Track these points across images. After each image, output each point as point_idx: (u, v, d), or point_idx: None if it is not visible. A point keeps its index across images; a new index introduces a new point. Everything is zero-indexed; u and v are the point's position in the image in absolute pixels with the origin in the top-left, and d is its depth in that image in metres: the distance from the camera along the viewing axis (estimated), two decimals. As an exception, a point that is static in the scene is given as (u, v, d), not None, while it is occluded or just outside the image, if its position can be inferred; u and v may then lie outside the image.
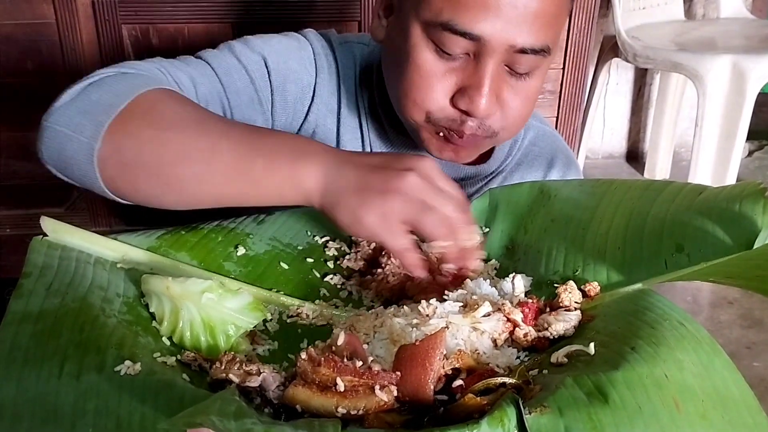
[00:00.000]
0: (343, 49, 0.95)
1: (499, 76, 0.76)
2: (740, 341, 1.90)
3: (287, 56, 0.90)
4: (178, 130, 0.68)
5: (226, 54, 0.88)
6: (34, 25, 1.57)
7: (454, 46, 0.74)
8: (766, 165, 2.91)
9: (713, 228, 0.61)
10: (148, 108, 0.69)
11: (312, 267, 0.74)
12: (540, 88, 0.81)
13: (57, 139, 0.68)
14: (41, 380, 0.49)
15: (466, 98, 0.76)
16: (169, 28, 1.59)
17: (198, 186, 0.68)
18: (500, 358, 0.55)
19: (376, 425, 0.46)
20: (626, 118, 2.89)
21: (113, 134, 0.67)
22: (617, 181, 0.74)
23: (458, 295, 0.62)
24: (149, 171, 0.67)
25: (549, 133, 1.02)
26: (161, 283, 0.60)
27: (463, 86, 0.76)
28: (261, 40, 0.90)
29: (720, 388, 0.46)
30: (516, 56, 0.74)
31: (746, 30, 2.40)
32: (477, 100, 0.75)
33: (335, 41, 0.95)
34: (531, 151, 0.99)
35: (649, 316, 0.52)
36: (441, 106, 0.78)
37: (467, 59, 0.76)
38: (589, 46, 1.79)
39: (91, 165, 0.67)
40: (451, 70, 0.76)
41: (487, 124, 0.78)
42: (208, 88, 0.84)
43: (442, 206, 0.64)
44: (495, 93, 0.76)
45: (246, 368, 0.51)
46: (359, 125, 0.95)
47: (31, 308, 0.55)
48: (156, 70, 0.79)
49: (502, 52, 0.73)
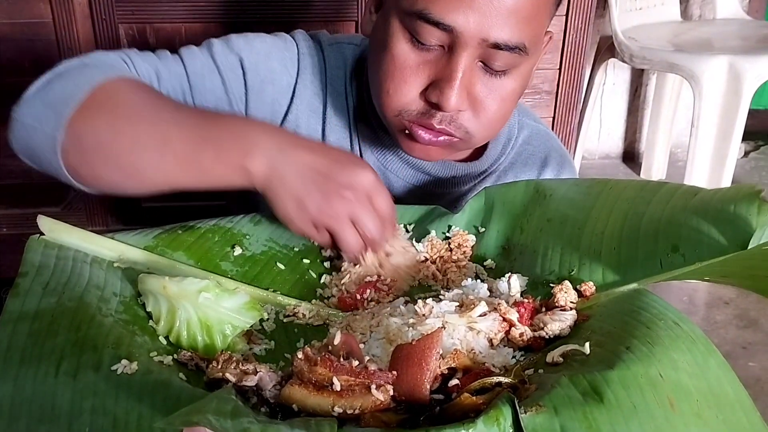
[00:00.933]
0: (332, 49, 0.94)
1: (472, 72, 0.75)
2: (736, 341, 1.90)
3: (268, 56, 0.91)
4: (134, 119, 0.71)
5: (203, 52, 0.88)
6: (31, 25, 1.56)
7: (428, 37, 0.74)
8: (762, 165, 2.92)
9: (708, 228, 0.61)
10: (106, 98, 0.72)
11: (308, 267, 0.74)
12: (518, 89, 0.80)
13: (24, 130, 0.72)
14: (38, 379, 0.49)
15: (437, 91, 0.75)
16: (167, 27, 1.59)
17: (153, 173, 0.70)
18: (496, 358, 0.55)
19: (373, 424, 0.46)
20: (623, 119, 2.90)
21: (74, 125, 0.69)
22: (613, 181, 0.74)
23: (454, 295, 0.62)
24: (107, 159, 0.70)
25: (543, 132, 1.02)
26: (158, 283, 0.60)
27: (435, 79, 0.76)
28: (244, 40, 0.90)
29: (715, 387, 0.47)
30: (490, 52, 0.74)
31: (742, 31, 2.40)
32: (447, 93, 0.74)
33: (325, 42, 0.95)
34: (525, 150, 0.99)
35: (644, 316, 0.52)
36: (412, 98, 0.77)
37: (442, 52, 0.75)
38: (585, 47, 1.79)
39: (55, 155, 0.70)
40: (425, 62, 0.76)
41: (459, 121, 0.78)
42: (171, 84, 0.85)
43: (364, 225, 0.69)
44: (466, 88, 0.76)
45: (242, 367, 0.51)
46: (348, 126, 0.95)
47: (27, 307, 0.55)
48: (120, 61, 0.81)
49: (476, 45, 0.73)
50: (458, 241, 0.74)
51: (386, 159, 0.94)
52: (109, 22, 1.56)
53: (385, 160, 0.94)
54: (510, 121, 0.97)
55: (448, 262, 0.73)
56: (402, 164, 0.93)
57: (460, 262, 0.73)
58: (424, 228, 0.78)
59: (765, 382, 1.75)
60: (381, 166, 0.94)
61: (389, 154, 0.94)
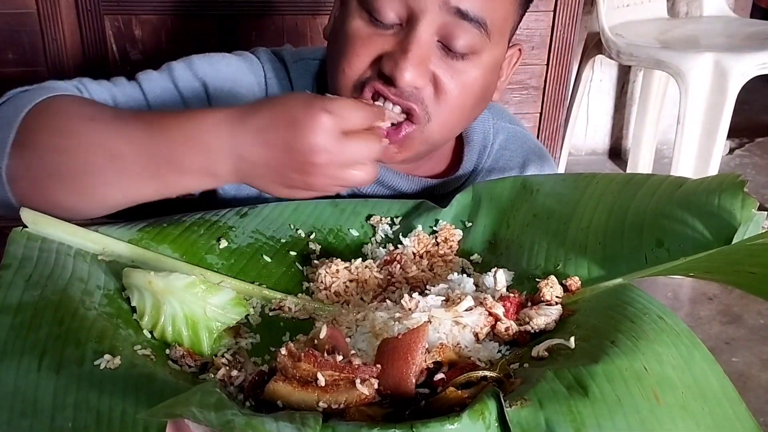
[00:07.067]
0: (298, 67, 0.92)
1: (430, 48, 0.73)
2: (719, 337, 1.92)
3: (234, 81, 0.88)
4: (79, 136, 0.67)
5: (163, 77, 0.85)
6: (16, 15, 1.55)
7: (387, 10, 0.72)
8: (747, 163, 2.94)
9: (693, 222, 0.61)
10: (47, 117, 0.68)
11: (295, 260, 0.74)
12: (481, 82, 0.77)
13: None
14: (20, 373, 0.48)
15: (390, 62, 0.72)
16: (152, 19, 1.58)
17: (113, 192, 0.67)
18: (482, 352, 0.55)
19: (358, 418, 0.46)
20: (609, 115, 2.91)
21: (18, 149, 0.66)
22: (600, 175, 0.74)
23: (440, 290, 0.62)
24: (60, 181, 0.66)
25: (519, 133, 0.99)
26: (143, 278, 0.59)
27: (390, 51, 0.73)
28: (208, 63, 0.87)
29: (700, 379, 0.47)
30: (450, 25, 0.72)
31: (729, 28, 2.42)
32: (401, 64, 0.71)
33: (289, 60, 0.92)
34: (502, 156, 0.96)
35: (629, 311, 0.52)
36: (364, 69, 0.75)
37: (399, 29, 0.73)
38: (572, 43, 1.80)
39: (2, 186, 0.67)
40: (380, 36, 0.74)
41: (421, 95, 0.74)
42: (129, 108, 0.81)
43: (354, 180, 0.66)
44: (425, 64, 0.73)
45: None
46: None
47: (9, 300, 0.55)
48: (72, 88, 0.78)
49: (436, 10, 0.71)
50: (445, 236, 0.74)
51: None
52: (94, 14, 1.55)
53: None
54: (485, 126, 0.95)
55: (435, 257, 0.73)
56: (374, 184, 0.89)
57: (447, 257, 0.73)
58: (411, 222, 0.78)
59: (748, 378, 1.76)
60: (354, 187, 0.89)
61: None
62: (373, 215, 0.79)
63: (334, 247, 0.76)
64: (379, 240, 0.77)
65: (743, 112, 2.80)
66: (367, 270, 0.70)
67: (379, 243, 0.76)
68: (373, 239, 0.77)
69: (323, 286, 0.69)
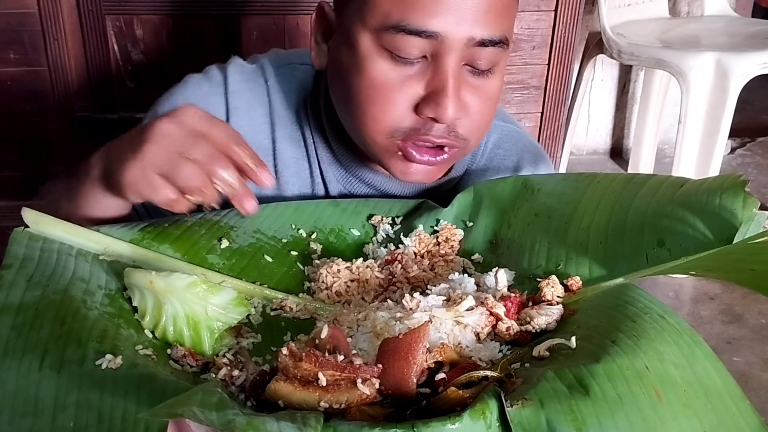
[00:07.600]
0: (280, 73, 0.89)
1: (460, 77, 0.73)
2: (721, 336, 1.92)
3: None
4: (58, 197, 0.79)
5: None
6: (17, 15, 1.55)
7: (409, 49, 0.71)
8: (748, 162, 2.94)
9: (694, 221, 0.61)
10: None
11: (296, 260, 0.74)
12: (501, 87, 0.78)
13: None
14: (21, 373, 0.48)
15: (431, 104, 0.72)
16: (153, 18, 1.58)
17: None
18: (483, 352, 0.55)
19: (359, 418, 0.46)
20: (610, 115, 2.91)
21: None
22: (601, 175, 0.74)
23: (441, 289, 0.62)
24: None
25: (513, 132, 0.98)
26: (144, 277, 0.59)
27: (426, 93, 0.72)
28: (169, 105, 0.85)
29: (702, 377, 0.47)
30: (476, 51, 0.71)
31: (730, 28, 2.42)
32: (444, 103, 0.71)
33: (271, 67, 0.90)
34: (496, 155, 0.95)
35: (630, 310, 0.52)
36: (404, 116, 0.74)
37: (425, 63, 0.72)
38: (574, 42, 1.80)
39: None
40: (409, 77, 0.72)
41: (457, 130, 0.75)
42: None
43: (200, 153, 0.63)
44: (460, 94, 0.73)
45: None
46: (305, 155, 0.89)
47: (11, 300, 0.55)
48: None
49: (461, 47, 0.70)
50: (446, 235, 0.74)
51: (351, 185, 0.90)
52: (95, 14, 1.55)
53: (351, 186, 0.90)
54: None
55: (436, 257, 0.73)
56: (368, 189, 0.89)
57: (448, 257, 0.73)
58: (412, 222, 0.78)
59: (750, 377, 1.76)
60: (347, 193, 0.90)
61: (354, 180, 0.89)
62: (374, 215, 0.79)
63: (335, 246, 0.76)
64: (380, 240, 0.77)
65: (745, 111, 2.80)
66: (368, 270, 0.70)
67: (380, 243, 0.77)
68: (374, 239, 0.77)
69: (324, 285, 0.69)
